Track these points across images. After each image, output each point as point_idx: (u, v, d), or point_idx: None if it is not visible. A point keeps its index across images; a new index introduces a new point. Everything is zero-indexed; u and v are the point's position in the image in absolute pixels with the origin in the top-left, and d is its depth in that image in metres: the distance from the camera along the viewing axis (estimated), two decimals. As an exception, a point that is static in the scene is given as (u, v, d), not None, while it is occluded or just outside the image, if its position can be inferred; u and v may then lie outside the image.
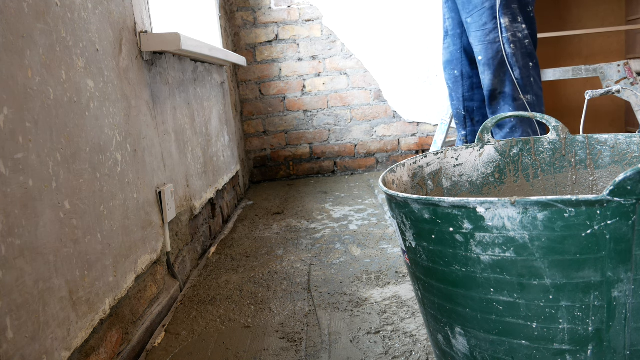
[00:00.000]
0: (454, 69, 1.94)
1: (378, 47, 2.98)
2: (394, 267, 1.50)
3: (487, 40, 1.65)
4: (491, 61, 1.65)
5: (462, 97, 1.95)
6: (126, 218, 1.16)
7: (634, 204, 0.56)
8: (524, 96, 1.67)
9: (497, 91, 1.68)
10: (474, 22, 1.68)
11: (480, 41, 1.67)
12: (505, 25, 1.63)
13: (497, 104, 1.71)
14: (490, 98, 1.71)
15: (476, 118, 1.97)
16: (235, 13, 2.97)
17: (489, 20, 1.64)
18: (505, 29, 1.63)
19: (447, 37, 1.94)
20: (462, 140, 2.00)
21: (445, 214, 0.66)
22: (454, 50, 1.92)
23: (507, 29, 1.63)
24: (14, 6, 0.80)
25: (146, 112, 1.35)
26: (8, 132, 0.76)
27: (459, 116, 1.99)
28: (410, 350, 1.03)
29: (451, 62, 1.94)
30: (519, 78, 1.66)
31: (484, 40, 1.66)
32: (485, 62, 1.67)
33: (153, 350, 1.14)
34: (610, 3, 2.86)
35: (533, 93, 1.68)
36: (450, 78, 1.97)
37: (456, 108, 1.98)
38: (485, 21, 1.65)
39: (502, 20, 1.63)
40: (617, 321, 0.61)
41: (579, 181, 1.04)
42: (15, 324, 0.74)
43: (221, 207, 2.16)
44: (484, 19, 1.65)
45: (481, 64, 1.69)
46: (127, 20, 1.28)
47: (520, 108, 1.68)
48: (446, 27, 1.93)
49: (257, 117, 3.09)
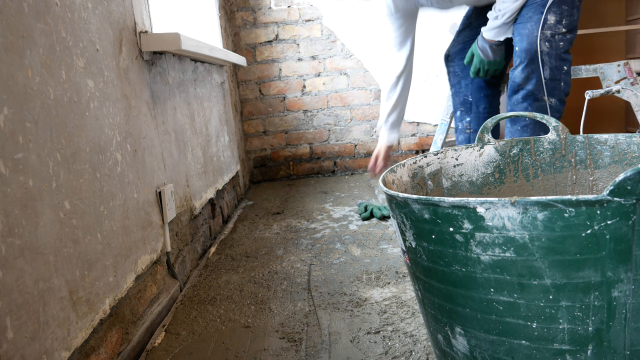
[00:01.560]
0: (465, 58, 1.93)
1: (378, 47, 2.98)
2: (394, 267, 1.50)
3: (525, 32, 1.64)
4: (524, 53, 1.64)
5: (471, 83, 1.96)
6: (126, 218, 1.16)
7: (634, 204, 0.56)
8: (549, 99, 1.66)
9: (521, 86, 1.67)
10: (521, 15, 1.68)
11: (519, 32, 1.67)
12: (548, 22, 1.63)
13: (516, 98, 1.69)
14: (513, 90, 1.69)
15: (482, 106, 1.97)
16: (235, 13, 2.97)
17: (535, 14, 1.64)
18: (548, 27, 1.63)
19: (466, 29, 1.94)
20: (466, 127, 1.99)
21: (445, 214, 0.66)
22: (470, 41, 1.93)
23: (549, 26, 1.63)
24: (14, 6, 0.80)
25: (146, 112, 1.35)
26: (8, 132, 0.76)
27: (465, 103, 1.99)
28: (410, 350, 1.03)
29: (464, 50, 1.94)
30: (547, 79, 1.65)
31: (522, 32, 1.65)
32: (520, 54, 1.66)
33: (153, 350, 1.14)
34: (610, 3, 2.86)
35: (558, 97, 1.68)
36: (459, 65, 1.97)
37: (464, 95, 1.98)
38: (530, 15, 1.65)
39: (547, 16, 1.63)
40: (617, 321, 0.61)
41: (579, 181, 1.04)
42: (15, 323, 0.74)
43: (221, 207, 2.16)
44: (530, 12, 1.65)
45: (516, 54, 1.67)
46: (127, 20, 1.28)
47: (541, 109, 1.67)
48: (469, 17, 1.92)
49: (257, 117, 3.09)
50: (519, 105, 1.69)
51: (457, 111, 2.03)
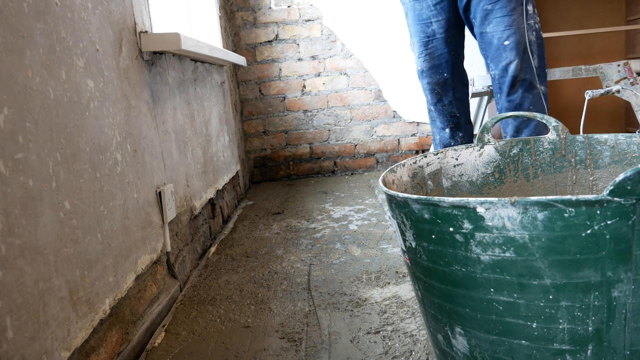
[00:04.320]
0: (444, 72, 1.91)
1: (378, 47, 2.98)
2: (394, 267, 1.50)
3: (514, 24, 1.66)
4: (518, 45, 1.66)
5: (454, 99, 1.93)
6: (126, 218, 1.16)
7: (633, 204, 0.56)
8: (539, 86, 1.69)
9: (519, 78, 1.68)
10: (499, 8, 1.68)
11: (507, 26, 1.67)
12: (529, 13, 1.65)
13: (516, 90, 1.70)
14: (510, 84, 1.70)
15: (463, 118, 1.96)
16: (235, 13, 2.97)
17: (517, 5, 1.65)
18: (529, 16, 1.65)
19: (431, 41, 1.90)
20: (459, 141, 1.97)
21: (445, 214, 0.66)
22: (443, 53, 1.89)
23: (531, 16, 1.66)
24: (14, 6, 0.80)
25: (146, 112, 1.35)
26: (8, 132, 0.76)
27: (452, 119, 1.95)
28: (410, 350, 1.03)
29: (441, 65, 1.91)
30: (537, 67, 1.68)
31: (511, 25, 1.66)
32: (513, 47, 1.67)
33: (153, 350, 1.14)
34: (610, 3, 2.86)
35: (545, 84, 1.71)
36: (439, 82, 1.93)
37: (448, 112, 1.94)
38: (513, 6, 1.66)
39: (528, 7, 1.65)
40: (617, 321, 0.61)
41: (579, 181, 1.04)
42: (15, 323, 0.74)
43: (221, 207, 2.16)
44: (512, 4, 1.66)
45: (507, 48, 1.68)
46: (127, 20, 1.28)
47: (536, 97, 1.70)
48: (431, 31, 1.89)
49: (257, 117, 3.09)
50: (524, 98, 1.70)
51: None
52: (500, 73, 1.70)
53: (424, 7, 1.89)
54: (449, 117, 1.96)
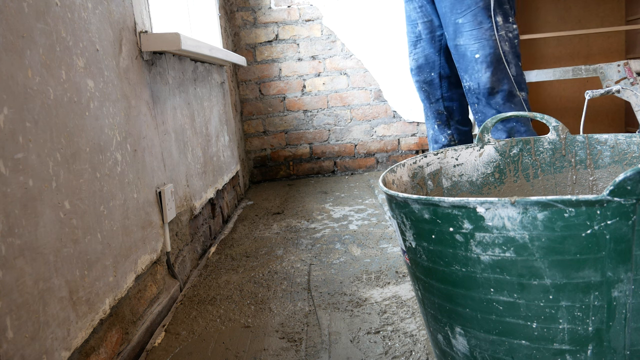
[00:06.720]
0: (431, 72, 1.98)
1: (378, 47, 2.98)
2: (394, 267, 1.50)
3: (484, 37, 1.68)
4: (489, 57, 1.69)
5: (442, 97, 2.00)
6: (126, 218, 1.16)
7: (634, 204, 0.56)
8: (519, 93, 1.72)
9: (495, 89, 1.71)
10: (467, 22, 1.71)
11: (477, 39, 1.70)
12: (499, 24, 1.67)
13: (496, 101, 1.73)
14: (488, 95, 1.73)
15: (456, 117, 2.02)
16: (235, 13, 2.97)
17: (485, 19, 1.68)
18: (500, 27, 1.67)
19: (419, 42, 1.98)
20: (447, 138, 2.02)
21: (445, 214, 0.66)
22: (429, 54, 1.97)
23: (502, 27, 1.68)
24: (14, 6, 0.80)
25: (146, 112, 1.35)
26: (8, 132, 0.76)
27: (440, 117, 2.03)
28: (410, 350, 1.03)
29: (427, 64, 1.99)
30: (515, 75, 1.71)
31: (481, 38, 1.69)
32: (483, 60, 1.69)
33: (153, 350, 1.14)
34: (610, 3, 2.86)
35: (525, 90, 1.74)
36: (426, 81, 2.01)
37: (435, 110, 2.03)
38: (480, 20, 1.68)
39: (497, 18, 1.67)
40: (617, 321, 0.61)
41: (579, 181, 1.04)
42: (15, 323, 0.74)
43: (221, 207, 2.16)
44: (479, 17, 1.68)
45: (478, 61, 1.71)
46: (127, 20, 1.28)
47: (518, 104, 1.72)
48: (418, 32, 1.96)
49: (257, 117, 3.09)
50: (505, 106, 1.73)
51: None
52: (474, 85, 1.74)
53: (411, 9, 1.98)
54: (436, 114, 2.04)
